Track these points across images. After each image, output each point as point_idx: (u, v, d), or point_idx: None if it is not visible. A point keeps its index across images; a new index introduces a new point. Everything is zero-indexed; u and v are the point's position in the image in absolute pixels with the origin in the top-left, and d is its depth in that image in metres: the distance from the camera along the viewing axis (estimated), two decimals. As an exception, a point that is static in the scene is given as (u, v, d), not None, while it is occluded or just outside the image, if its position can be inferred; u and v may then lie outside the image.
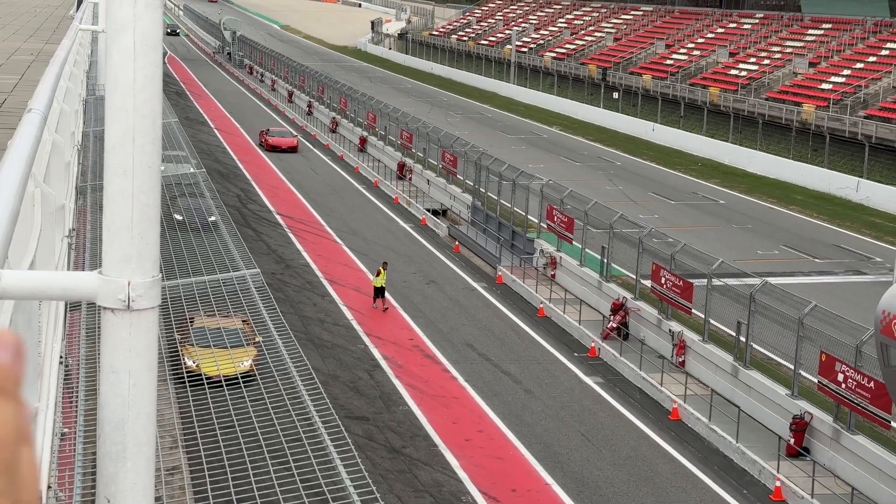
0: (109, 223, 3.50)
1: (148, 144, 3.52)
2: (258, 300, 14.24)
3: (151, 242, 3.54)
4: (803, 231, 47.81)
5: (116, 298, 3.57)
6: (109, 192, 3.50)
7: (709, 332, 29.32)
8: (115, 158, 3.50)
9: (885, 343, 19.35)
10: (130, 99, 3.48)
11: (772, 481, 23.15)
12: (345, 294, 36.78)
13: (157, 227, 3.57)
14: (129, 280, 3.56)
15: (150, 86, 3.52)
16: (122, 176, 3.51)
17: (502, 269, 39.71)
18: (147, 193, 3.54)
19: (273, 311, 14.09)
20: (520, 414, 26.89)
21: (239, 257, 16.42)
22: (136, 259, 3.55)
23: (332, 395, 27.55)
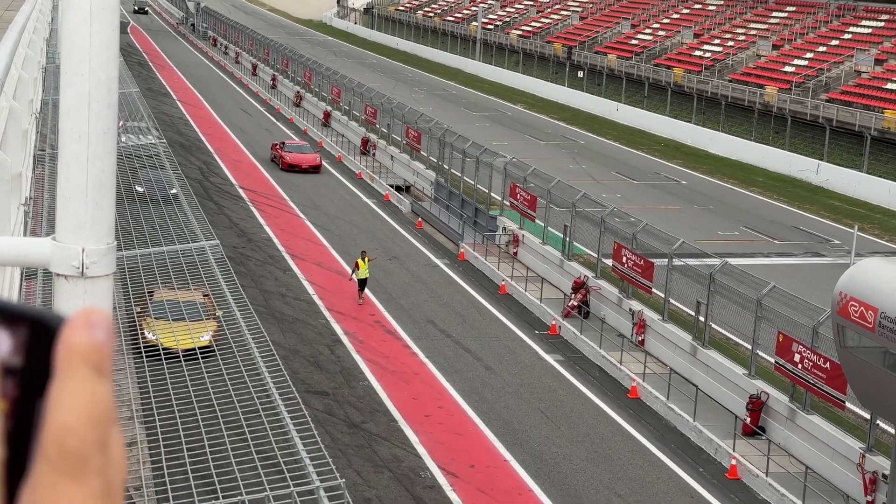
0: (64, 189, 3.45)
1: (104, 109, 3.47)
2: (217, 272, 14.16)
3: (107, 209, 3.49)
4: (763, 213, 48.17)
5: (70, 265, 3.52)
6: (64, 157, 3.45)
7: (668, 312, 29.51)
8: (69, 123, 3.44)
9: (841, 324, 19.54)
10: (86, 63, 3.42)
11: (728, 459, 23.37)
12: (306, 269, 36.67)
13: (113, 193, 3.52)
14: (83, 247, 3.51)
15: (107, 50, 3.47)
16: (77, 141, 3.45)
17: (465, 246, 39.73)
18: (102, 159, 3.49)
19: (232, 283, 14.02)
20: (480, 390, 26.97)
21: (199, 229, 16.31)
22: (91, 226, 3.50)
23: (293, 369, 27.51)
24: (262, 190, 48.12)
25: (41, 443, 0.80)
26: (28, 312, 0.84)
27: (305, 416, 9.44)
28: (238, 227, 41.79)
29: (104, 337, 0.84)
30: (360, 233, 41.91)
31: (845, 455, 21.79)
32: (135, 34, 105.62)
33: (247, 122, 65.57)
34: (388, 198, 48.26)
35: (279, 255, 38.22)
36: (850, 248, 35.60)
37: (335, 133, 60.87)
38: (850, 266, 20.46)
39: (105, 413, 0.82)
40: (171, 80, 78.79)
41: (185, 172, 48.80)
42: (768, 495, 22.02)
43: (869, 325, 18.64)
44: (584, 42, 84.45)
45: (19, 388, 0.83)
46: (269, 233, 41.17)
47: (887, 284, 18.76)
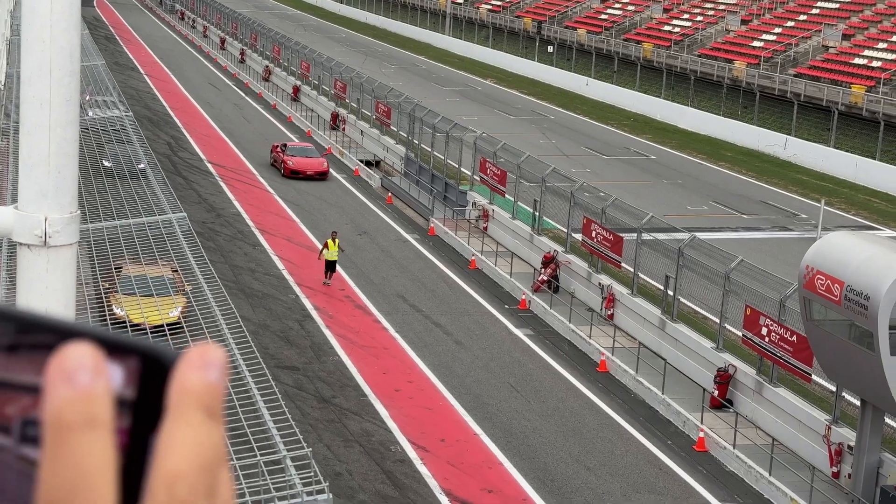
0: (26, 157, 3.42)
1: (66, 77, 3.44)
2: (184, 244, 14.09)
3: (69, 177, 3.46)
4: (732, 187, 48.41)
5: (32, 234, 3.49)
6: (26, 125, 3.41)
7: (637, 286, 29.65)
8: (31, 90, 3.41)
9: (808, 297, 19.72)
10: (47, 30, 3.38)
11: (695, 432, 23.56)
12: (276, 244, 36.57)
13: (76, 162, 3.49)
14: (45, 216, 3.48)
15: (68, 17, 3.43)
16: (38, 108, 3.42)
17: (435, 221, 39.72)
18: (65, 127, 3.46)
19: (199, 256, 13.96)
20: (450, 365, 27.03)
21: (165, 202, 16.22)
22: (53, 194, 3.47)
23: (263, 344, 27.47)
24: (230, 165, 47.88)
25: (150, 487, 0.79)
26: (142, 346, 0.82)
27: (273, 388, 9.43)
28: (207, 202, 41.59)
29: (218, 377, 0.81)
30: (329, 208, 41.81)
31: (811, 427, 22.02)
32: (102, 8, 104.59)
33: (215, 97, 65.16)
34: (357, 173, 48.13)
35: (248, 231, 38.08)
36: (817, 223, 35.86)
37: (304, 108, 60.59)
38: (817, 240, 20.61)
39: (215, 459, 0.80)
40: (138, 55, 78.12)
41: (153, 147, 48.47)
42: (736, 467, 22.23)
43: (835, 299, 18.81)
44: (554, 17, 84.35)
45: (132, 422, 0.81)
46: (239, 208, 40.99)
47: (853, 258, 18.93)
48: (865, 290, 18.14)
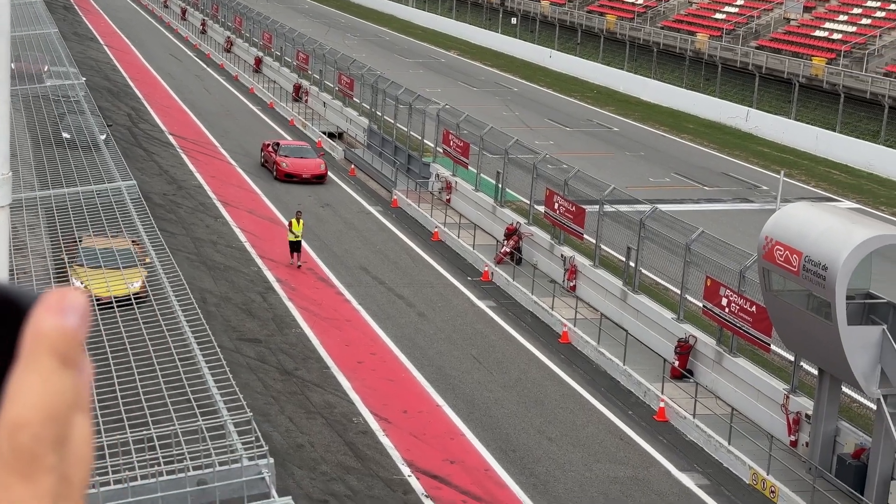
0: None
1: None
2: (133, 212, 13.99)
3: (1, 139, 3.41)
4: (694, 159, 48.64)
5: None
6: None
7: (599, 258, 29.78)
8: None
9: (767, 268, 19.89)
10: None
11: (656, 402, 23.76)
12: (238, 216, 36.39)
13: (7, 124, 3.45)
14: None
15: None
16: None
17: (398, 193, 39.66)
18: None
19: (148, 223, 13.86)
20: (412, 337, 27.07)
21: (115, 170, 16.09)
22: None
23: (225, 317, 27.41)
24: (192, 136, 47.52)
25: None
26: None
27: (218, 353, 9.40)
28: (168, 173, 41.29)
29: (76, 323, 0.77)
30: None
31: (770, 396, 22.26)
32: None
33: (176, 68, 64.54)
34: (320, 144, 47.91)
35: (210, 203, 37.86)
36: (777, 194, 36.12)
37: (267, 79, 60.18)
38: (776, 211, 20.77)
39: (66, 408, 0.76)
40: (97, 25, 77.17)
41: (113, 118, 48.04)
42: (695, 436, 22.45)
43: (793, 269, 18.98)
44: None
45: None
46: (200, 180, 40.73)
47: (812, 229, 19.10)
48: (823, 261, 18.31)
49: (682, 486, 20.54)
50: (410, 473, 20.24)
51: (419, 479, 20.03)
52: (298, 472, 19.97)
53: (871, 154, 48.40)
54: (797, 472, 20.31)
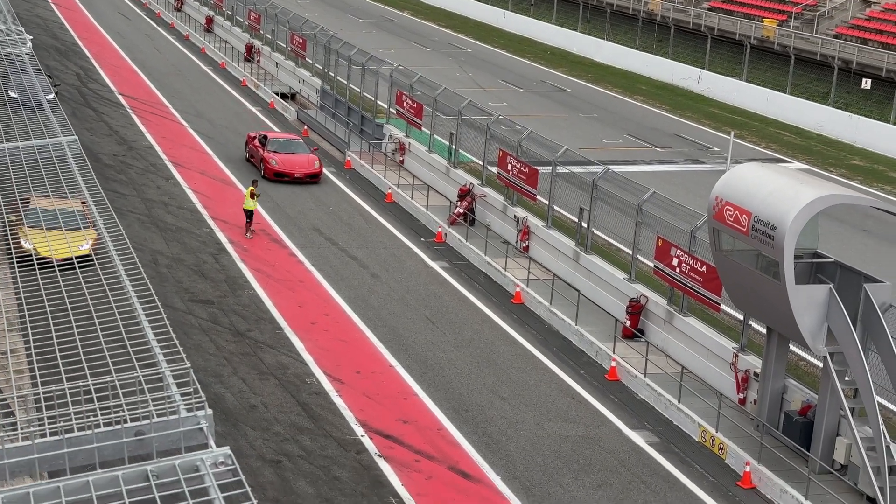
0: None
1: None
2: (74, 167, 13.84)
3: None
4: (646, 120, 48.84)
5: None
6: None
7: (552, 218, 29.90)
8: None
9: (717, 228, 20.07)
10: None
11: (608, 362, 23.98)
12: (190, 177, 36.10)
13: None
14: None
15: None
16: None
17: (351, 154, 39.51)
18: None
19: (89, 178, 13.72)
20: (366, 298, 27.08)
21: (57, 125, 15.89)
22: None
23: (176, 278, 27.27)
24: (142, 97, 46.97)
25: None
26: None
27: (158, 307, 9.36)
28: (118, 134, 40.84)
29: None
30: (244, 141, 41.31)
31: (719, 355, 22.54)
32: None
33: (125, 27, 63.67)
34: (273, 105, 47.58)
35: (161, 164, 37.52)
36: (727, 155, 36.39)
37: (218, 39, 59.52)
38: (726, 172, 20.93)
39: None
40: (45, -17, 75.78)
41: (63, 78, 47.39)
42: (646, 395, 22.70)
43: (743, 229, 19.18)
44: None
45: None
46: (151, 140, 40.32)
47: (761, 189, 19.28)
48: (772, 221, 18.51)
49: (633, 444, 20.79)
50: (363, 433, 20.32)
51: (372, 439, 20.11)
52: (251, 433, 19.98)
53: (821, 115, 48.86)
54: (745, 429, 20.62)
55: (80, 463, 6.38)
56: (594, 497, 18.70)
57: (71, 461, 6.52)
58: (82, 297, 10.23)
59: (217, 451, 5.82)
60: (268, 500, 17.44)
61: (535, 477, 19.22)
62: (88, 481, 5.70)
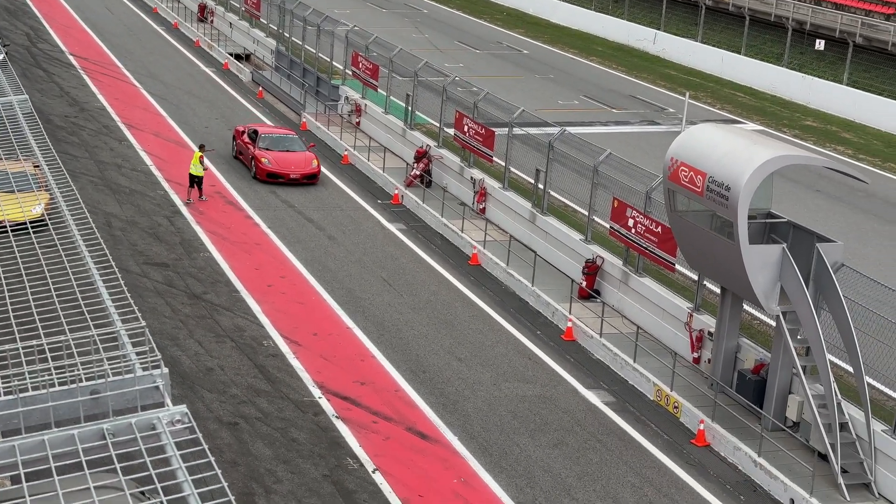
0: None
1: None
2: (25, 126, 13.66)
3: None
4: (602, 82, 48.90)
5: None
6: None
7: (509, 180, 29.93)
8: None
9: (672, 189, 20.18)
10: None
11: (564, 322, 24.12)
12: (144, 139, 35.73)
13: None
14: None
15: None
16: None
17: (307, 116, 39.27)
18: None
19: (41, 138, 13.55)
20: (322, 260, 27.02)
21: (7, 85, 15.66)
22: None
23: (131, 241, 27.06)
24: (94, 58, 46.34)
25: None
26: None
27: (113, 267, 9.28)
28: (70, 95, 40.30)
29: None
30: (199, 103, 40.93)
31: (674, 315, 22.74)
32: None
33: (76, -13, 62.67)
34: (227, 66, 47.12)
35: (114, 126, 37.10)
36: (683, 116, 36.54)
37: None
38: (681, 132, 21.02)
39: None
40: (-8, -59, 74.37)
41: (11, 38, 46.63)
42: (602, 355, 22.88)
43: (697, 190, 19.30)
44: None
45: None
46: (104, 102, 39.84)
47: (715, 150, 19.39)
48: (726, 181, 18.63)
49: (589, 404, 20.97)
50: (321, 395, 20.34)
51: (329, 401, 20.14)
52: (208, 396, 19.94)
53: (775, 76, 49.17)
54: (699, 388, 20.85)
55: (36, 422, 6.36)
56: (550, 456, 18.87)
57: (26, 420, 6.49)
58: (36, 260, 10.12)
59: (173, 410, 5.81)
60: (225, 462, 17.43)
61: (492, 437, 19.35)
62: (44, 440, 5.68)
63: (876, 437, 17.94)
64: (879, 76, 46.90)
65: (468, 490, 17.67)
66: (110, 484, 5.52)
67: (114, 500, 5.34)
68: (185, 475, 5.32)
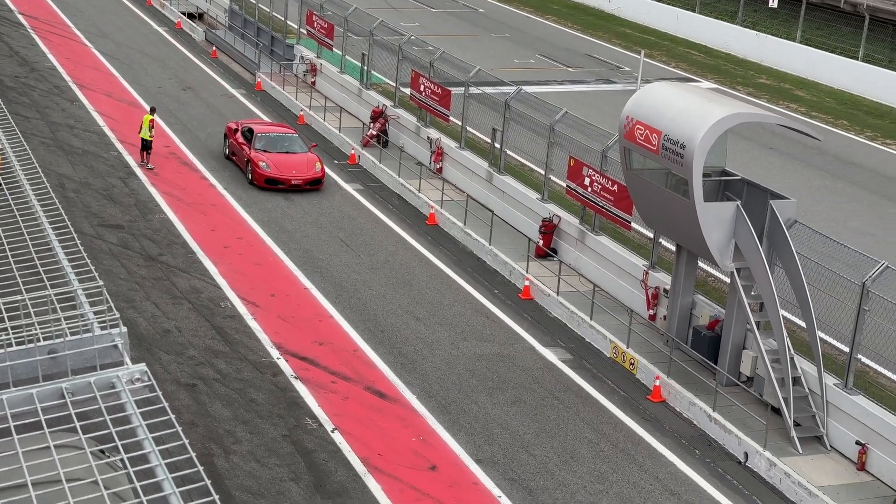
0: None
1: None
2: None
3: None
4: (558, 40, 48.86)
5: None
6: None
7: (465, 139, 29.91)
8: None
9: (628, 147, 20.27)
10: None
11: (521, 281, 24.24)
12: (96, 99, 35.31)
13: None
14: None
15: None
16: None
17: (261, 76, 38.95)
18: None
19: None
20: (279, 221, 26.92)
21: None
22: None
23: (85, 202, 26.81)
24: (43, 16, 45.60)
25: None
26: None
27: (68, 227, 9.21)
28: (19, 55, 39.67)
29: None
30: (151, 62, 40.46)
31: (630, 273, 22.91)
32: None
33: (24, -56, 61.50)
34: (180, 25, 46.56)
35: (65, 86, 36.61)
36: (638, 75, 36.61)
37: (121, -43, 57.84)
38: (637, 91, 21.08)
39: None
40: None
41: (-42, -2, 45.74)
42: (559, 313, 23.03)
43: (653, 148, 19.40)
44: None
45: None
46: (54, 62, 39.27)
47: (670, 108, 19.48)
48: (681, 139, 18.74)
49: (546, 361, 21.13)
50: (279, 356, 20.34)
51: (288, 362, 20.15)
52: (165, 357, 19.88)
53: (729, 35, 49.35)
54: (655, 345, 21.08)
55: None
56: (509, 413, 19.02)
57: (-17, 380, 6.46)
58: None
59: (133, 368, 5.81)
60: (184, 423, 17.41)
61: (451, 395, 19.47)
62: (2, 399, 5.66)
63: (828, 390, 18.25)
64: (832, 34, 47.23)
65: (427, 448, 17.79)
66: (70, 443, 5.51)
67: (74, 459, 5.34)
68: (146, 433, 5.33)
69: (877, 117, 39.85)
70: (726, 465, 18.06)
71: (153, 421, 5.51)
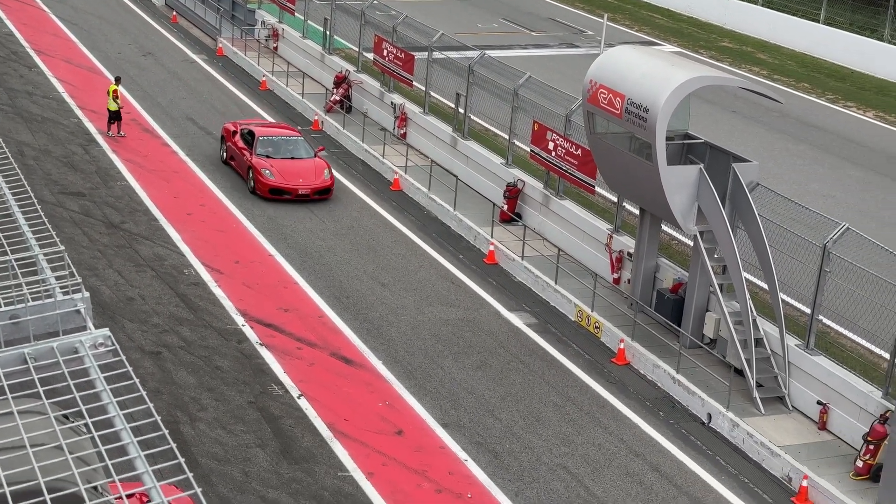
0: None
1: None
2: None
3: None
4: (521, 5, 48.70)
5: None
6: None
7: (429, 105, 29.81)
8: None
9: (591, 111, 20.28)
10: None
11: (486, 246, 24.27)
12: (55, 65, 34.87)
13: None
14: None
15: None
16: None
17: (223, 41, 38.60)
18: None
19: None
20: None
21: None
22: None
23: (45, 170, 26.54)
24: (0, -18, 44.88)
25: None
26: None
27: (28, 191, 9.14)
28: (-24, 22, 39.08)
29: None
30: (111, 28, 39.98)
31: (594, 237, 23.00)
32: None
33: None
34: (139, -9, 45.98)
35: (23, 52, 36.12)
36: (601, 39, 36.61)
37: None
38: (600, 55, 21.07)
39: None
40: None
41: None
42: (524, 277, 23.09)
43: (616, 112, 19.42)
44: None
45: None
46: (11, 27, 38.71)
47: (633, 72, 19.49)
48: (645, 103, 18.77)
49: (512, 326, 21.20)
50: (244, 323, 20.28)
51: (253, 328, 20.10)
52: (129, 325, 19.78)
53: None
54: (619, 308, 21.20)
55: (-46, 349, 6.27)
56: (474, 378, 19.09)
57: (-55, 346, 6.40)
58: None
59: (96, 333, 5.78)
60: (149, 391, 17.32)
61: (417, 360, 19.51)
62: (-36, 368, 5.61)
63: (790, 351, 18.44)
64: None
65: (393, 413, 17.84)
66: (33, 408, 5.48)
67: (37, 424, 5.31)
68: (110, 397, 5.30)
69: (838, 80, 40.09)
70: (690, 426, 18.24)
71: (117, 385, 5.49)
